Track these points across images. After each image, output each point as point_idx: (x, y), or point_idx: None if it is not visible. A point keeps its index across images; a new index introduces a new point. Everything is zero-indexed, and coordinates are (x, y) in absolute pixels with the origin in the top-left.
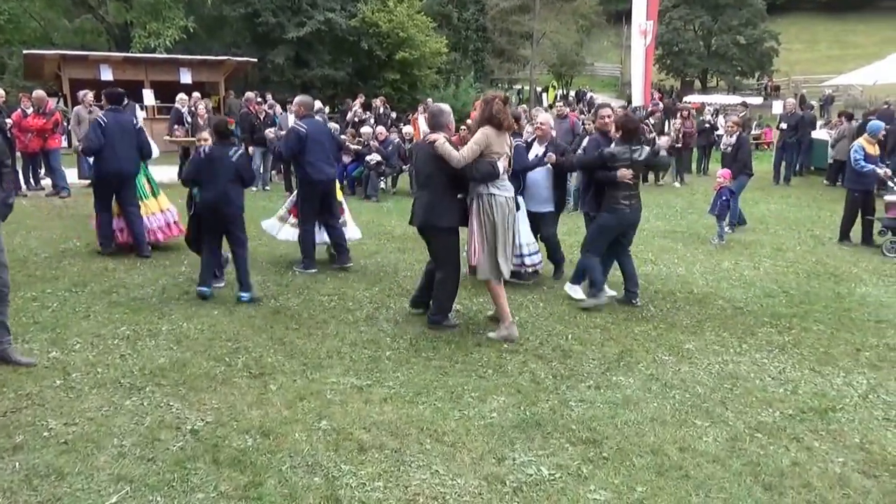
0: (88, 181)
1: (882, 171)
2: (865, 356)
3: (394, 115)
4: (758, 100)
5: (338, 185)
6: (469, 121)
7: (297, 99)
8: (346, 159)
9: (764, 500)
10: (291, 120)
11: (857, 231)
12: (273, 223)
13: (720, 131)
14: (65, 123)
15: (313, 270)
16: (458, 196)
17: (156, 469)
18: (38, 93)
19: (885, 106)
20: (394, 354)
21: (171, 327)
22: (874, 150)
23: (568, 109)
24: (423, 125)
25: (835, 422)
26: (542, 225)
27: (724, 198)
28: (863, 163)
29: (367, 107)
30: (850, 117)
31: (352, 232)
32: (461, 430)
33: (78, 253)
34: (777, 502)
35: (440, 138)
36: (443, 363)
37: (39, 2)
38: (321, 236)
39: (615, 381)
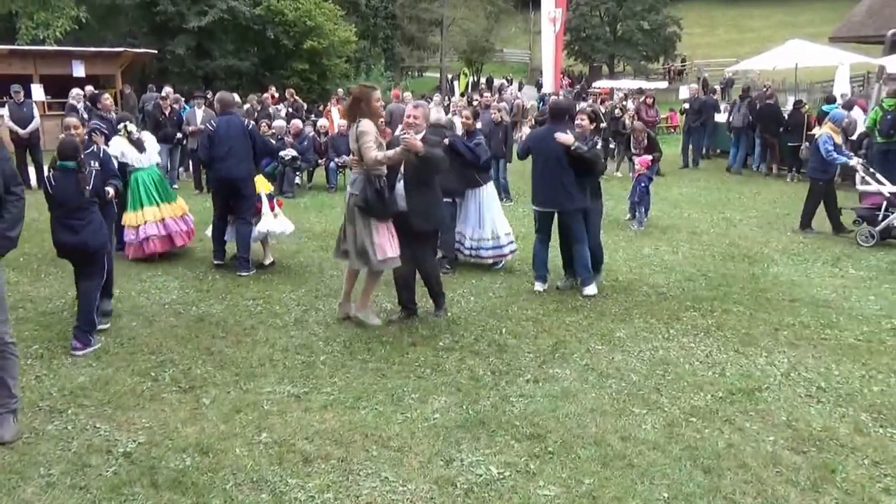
0: None
1: (854, 161)
2: (784, 335)
3: (305, 105)
4: (663, 84)
5: (264, 179)
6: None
7: (217, 96)
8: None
9: (705, 484)
10: (199, 114)
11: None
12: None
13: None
14: None
15: (218, 262)
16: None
17: (90, 498)
18: None
19: (765, 89)
20: (329, 359)
21: None
22: (839, 139)
23: (493, 99)
24: (336, 117)
25: (762, 402)
26: None
27: (642, 184)
28: (834, 154)
29: (278, 99)
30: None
31: (282, 225)
32: (406, 433)
33: None
34: (717, 484)
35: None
36: (380, 365)
37: None
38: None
39: (552, 373)
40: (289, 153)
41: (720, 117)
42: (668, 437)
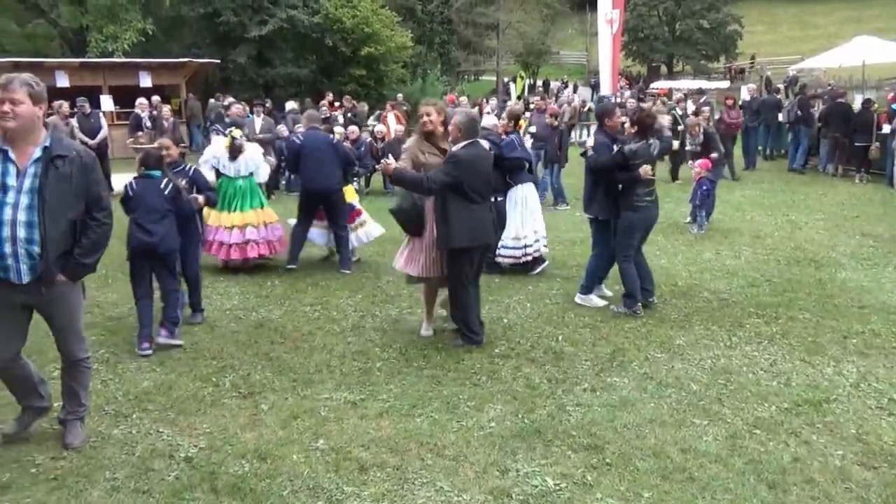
0: None
1: None
2: (853, 343)
3: (365, 107)
4: (724, 83)
5: (351, 189)
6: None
7: (305, 114)
8: None
9: (769, 500)
10: (258, 123)
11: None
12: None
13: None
14: None
15: (293, 266)
16: None
17: (153, 502)
18: None
19: (829, 87)
20: (385, 365)
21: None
22: None
23: (552, 102)
24: (392, 123)
25: (830, 413)
26: None
27: (704, 187)
28: None
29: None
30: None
31: (372, 231)
32: (461, 442)
33: None
34: (782, 500)
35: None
36: (435, 372)
37: None
38: (313, 238)
39: (610, 382)
40: None
41: (783, 117)
42: (731, 450)
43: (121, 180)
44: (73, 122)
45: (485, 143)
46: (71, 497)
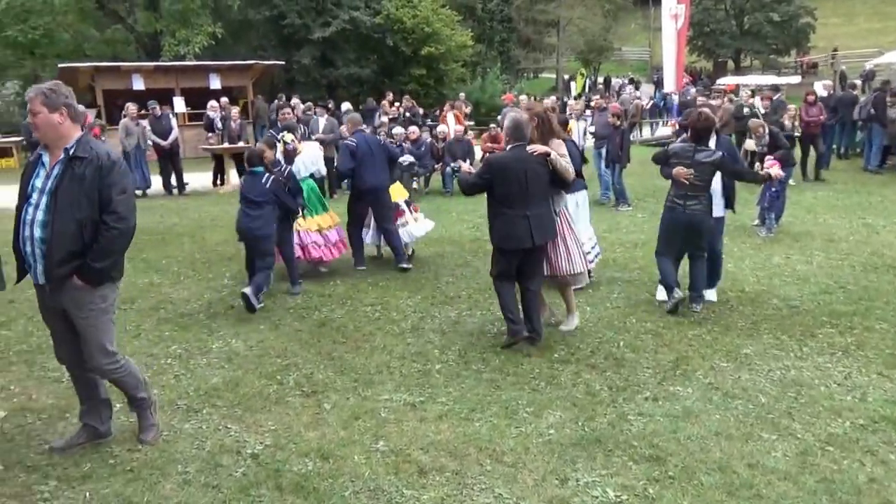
0: (140, 191)
1: None
2: None
3: (420, 111)
4: (795, 79)
5: (400, 187)
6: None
7: (347, 117)
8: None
9: None
10: (322, 123)
11: None
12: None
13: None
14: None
15: (362, 267)
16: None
17: (221, 497)
18: (78, 107)
19: None
20: (444, 368)
21: (221, 345)
22: None
23: (615, 101)
24: (451, 122)
25: None
26: None
27: (773, 189)
28: None
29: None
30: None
31: (421, 227)
32: (520, 448)
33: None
34: None
35: (553, 153)
36: (494, 376)
37: (72, 15)
38: (367, 238)
39: (673, 391)
40: (406, 159)
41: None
42: (801, 467)
43: (193, 179)
44: (144, 123)
45: (560, 145)
46: (146, 489)
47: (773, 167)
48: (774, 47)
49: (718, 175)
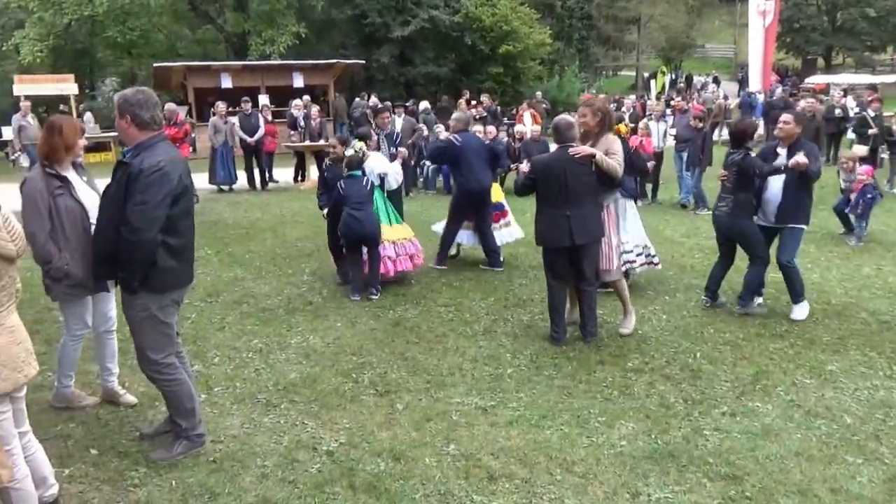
0: (217, 187)
1: None
2: None
3: (498, 108)
4: (890, 77)
5: (499, 187)
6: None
7: (455, 115)
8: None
9: None
10: (399, 122)
11: None
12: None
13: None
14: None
15: (444, 267)
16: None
17: (297, 493)
18: (170, 105)
19: None
20: (515, 372)
21: (299, 340)
22: None
23: (696, 99)
24: (528, 122)
25: None
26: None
27: (868, 195)
28: None
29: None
30: None
31: (514, 232)
32: (591, 459)
33: (209, 262)
34: None
35: (599, 153)
36: (566, 383)
37: (167, 16)
38: (460, 239)
39: (752, 407)
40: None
41: None
42: (889, 495)
43: (279, 175)
44: (232, 120)
45: (614, 141)
46: (227, 480)
47: (868, 172)
48: (869, 44)
49: (778, 182)
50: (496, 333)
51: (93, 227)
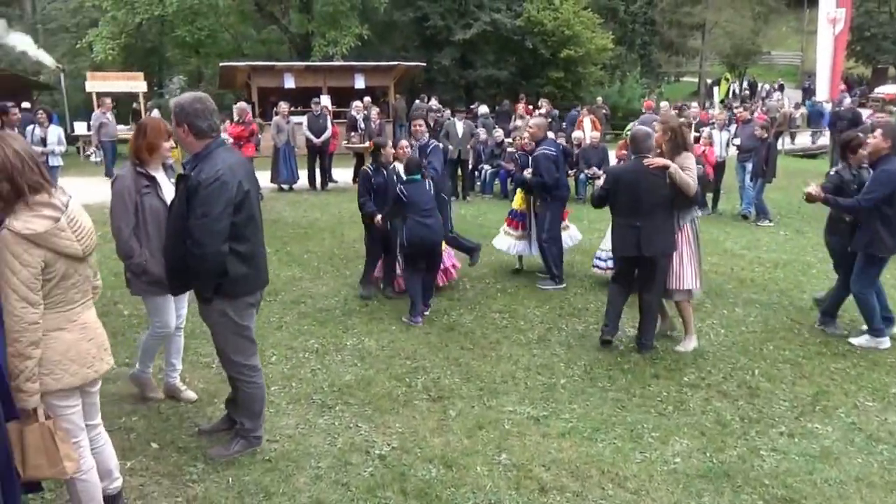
0: (278, 186)
1: None
2: None
3: (556, 112)
4: None
5: (521, 195)
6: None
7: (533, 121)
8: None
9: None
10: (460, 127)
11: None
12: (502, 240)
13: None
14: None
15: (562, 286)
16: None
17: (350, 496)
18: (241, 105)
19: None
20: (569, 383)
21: (355, 342)
22: None
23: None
24: (587, 128)
25: None
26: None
27: None
28: None
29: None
30: None
31: (574, 235)
32: (644, 475)
33: (268, 260)
34: None
35: (673, 165)
36: (620, 395)
37: (234, 16)
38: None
39: (811, 428)
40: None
41: None
42: None
43: (339, 175)
44: (295, 120)
45: (688, 158)
46: (281, 480)
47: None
48: None
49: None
50: (550, 342)
51: None
